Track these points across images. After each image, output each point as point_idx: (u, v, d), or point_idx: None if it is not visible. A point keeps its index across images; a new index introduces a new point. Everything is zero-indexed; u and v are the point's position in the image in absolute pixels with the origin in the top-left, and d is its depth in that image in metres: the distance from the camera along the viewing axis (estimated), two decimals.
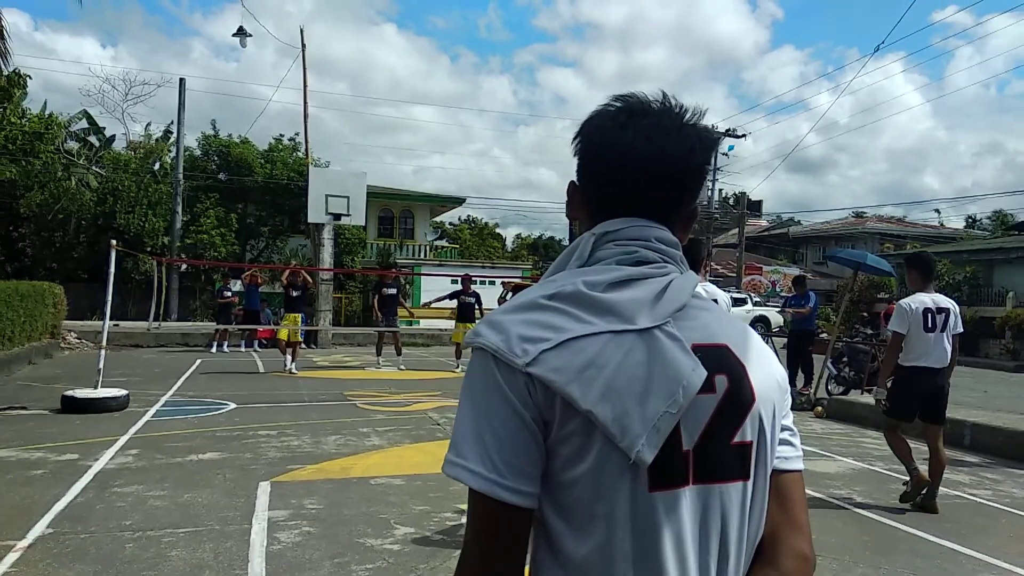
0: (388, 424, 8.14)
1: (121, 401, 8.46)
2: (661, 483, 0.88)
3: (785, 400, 1.04)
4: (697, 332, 0.93)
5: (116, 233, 20.97)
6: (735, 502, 0.94)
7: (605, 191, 1.02)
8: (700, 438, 0.90)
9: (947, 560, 4.39)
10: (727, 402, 0.92)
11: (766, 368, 0.99)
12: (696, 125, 1.01)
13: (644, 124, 0.99)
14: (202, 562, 3.95)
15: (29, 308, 12.93)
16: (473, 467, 0.88)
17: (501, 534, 0.91)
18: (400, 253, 29.71)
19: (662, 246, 1.00)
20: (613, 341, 0.88)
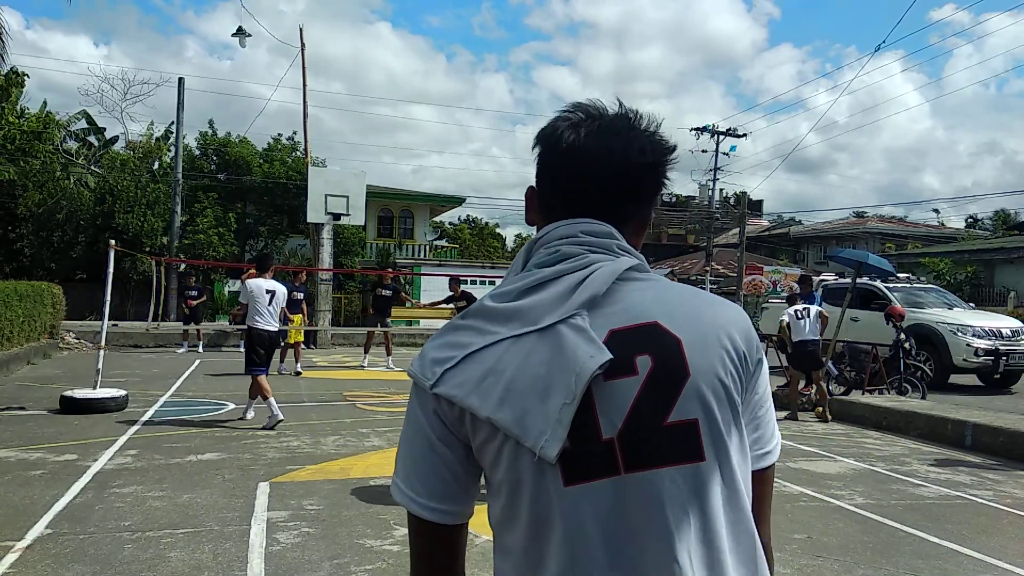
0: (388, 424, 8.12)
1: (120, 401, 8.44)
2: (580, 476, 0.87)
3: (746, 369, 0.94)
4: (619, 316, 0.91)
5: (114, 233, 20.94)
6: (687, 487, 0.87)
7: (555, 190, 1.03)
8: (625, 424, 0.87)
9: (948, 561, 4.38)
10: (653, 382, 0.88)
11: (712, 338, 0.92)
12: (649, 130, 1.02)
13: (596, 125, 1.01)
14: (201, 563, 3.93)
15: (28, 308, 12.90)
16: (399, 484, 0.97)
17: (428, 549, 0.98)
18: (400, 253, 29.71)
19: (588, 238, 0.98)
20: (514, 346, 0.90)
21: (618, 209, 1.02)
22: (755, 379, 0.97)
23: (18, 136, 23.09)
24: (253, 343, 7.87)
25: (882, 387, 10.70)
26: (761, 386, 0.99)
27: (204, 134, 28.40)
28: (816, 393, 9.92)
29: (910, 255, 29.82)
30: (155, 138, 28.62)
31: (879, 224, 41.15)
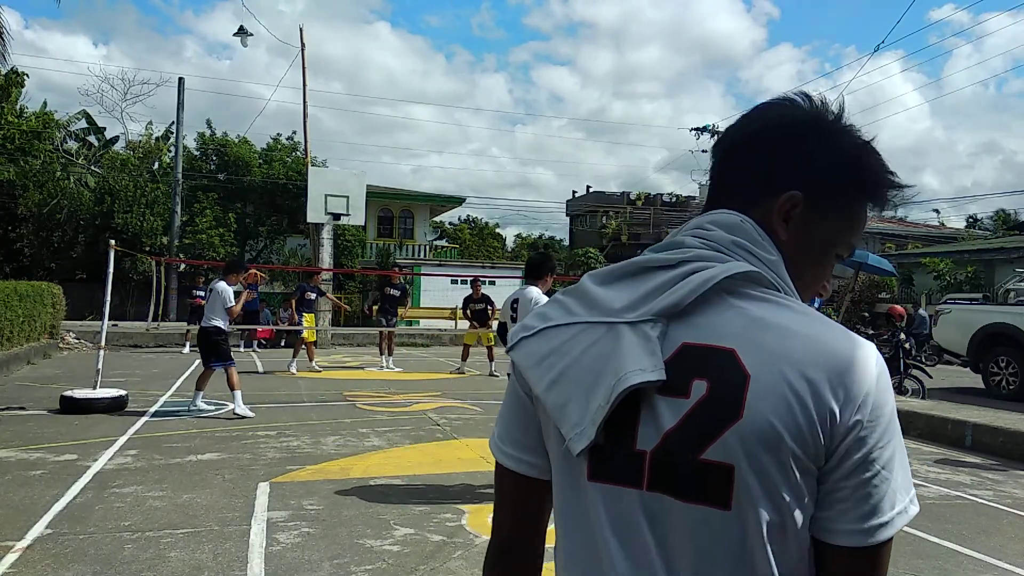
0: (388, 425, 8.12)
1: (120, 401, 8.44)
2: (604, 476, 0.86)
3: (829, 426, 0.80)
4: (700, 331, 0.85)
5: (114, 233, 20.95)
6: (704, 530, 0.81)
7: (710, 182, 1.05)
8: (661, 443, 0.83)
9: (948, 561, 4.37)
10: (700, 411, 0.82)
11: (789, 381, 0.80)
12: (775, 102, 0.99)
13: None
14: (201, 563, 3.93)
15: (28, 308, 12.91)
16: (493, 434, 1.03)
17: (505, 497, 1.01)
18: (400, 253, 29.71)
19: (712, 230, 0.92)
20: (584, 332, 0.89)
21: (741, 193, 0.96)
22: (846, 441, 0.80)
23: (18, 136, 23.10)
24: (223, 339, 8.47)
25: None
26: (862, 450, 0.80)
27: (203, 134, 28.41)
28: None
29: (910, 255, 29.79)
30: (155, 138, 28.64)
31: (879, 224, 41.06)
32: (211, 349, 8.41)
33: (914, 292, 26.75)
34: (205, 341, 8.46)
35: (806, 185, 0.92)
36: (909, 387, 10.80)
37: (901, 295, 27.07)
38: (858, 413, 0.80)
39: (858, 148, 0.95)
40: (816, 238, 0.94)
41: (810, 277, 0.96)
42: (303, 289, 13.77)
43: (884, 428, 0.82)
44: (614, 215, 45.39)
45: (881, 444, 0.81)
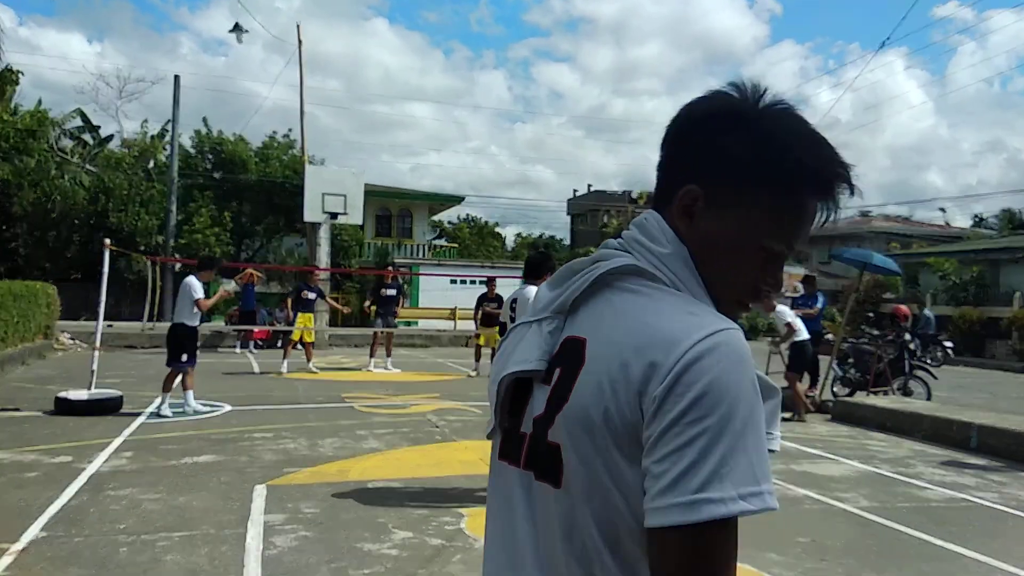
0: (386, 426, 8.06)
1: (115, 403, 8.37)
2: (504, 454, 0.99)
3: (643, 401, 0.80)
4: (577, 325, 0.93)
5: (109, 232, 20.84)
6: (546, 506, 0.90)
7: None
8: (532, 426, 0.93)
9: (953, 564, 4.34)
10: (552, 396, 0.90)
11: (614, 364, 0.83)
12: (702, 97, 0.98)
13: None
14: (197, 567, 3.88)
15: (22, 308, 12.83)
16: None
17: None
18: (398, 252, 29.65)
19: (628, 230, 0.98)
20: (518, 330, 1.01)
21: (660, 190, 0.98)
22: (648, 416, 0.80)
23: (12, 134, 23.00)
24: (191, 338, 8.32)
25: (887, 388, 10.66)
26: (663, 423, 0.79)
27: (199, 132, 28.31)
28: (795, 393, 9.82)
29: (915, 255, 29.79)
30: (150, 136, 28.53)
31: (884, 223, 41.13)
32: (176, 348, 8.24)
33: (919, 292, 26.74)
34: (172, 339, 8.33)
35: (707, 178, 0.91)
36: (914, 388, 10.76)
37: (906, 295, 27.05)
38: (662, 386, 0.80)
39: (778, 139, 0.90)
40: (724, 231, 0.91)
41: (727, 270, 0.92)
42: (301, 288, 13.70)
43: (696, 405, 0.78)
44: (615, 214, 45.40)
45: (689, 420, 0.78)
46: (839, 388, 11.20)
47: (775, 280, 0.95)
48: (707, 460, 0.77)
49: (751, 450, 0.78)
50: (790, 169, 0.89)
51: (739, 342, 0.83)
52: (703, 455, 0.77)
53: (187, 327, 8.29)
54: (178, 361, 8.25)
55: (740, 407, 0.78)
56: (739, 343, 0.83)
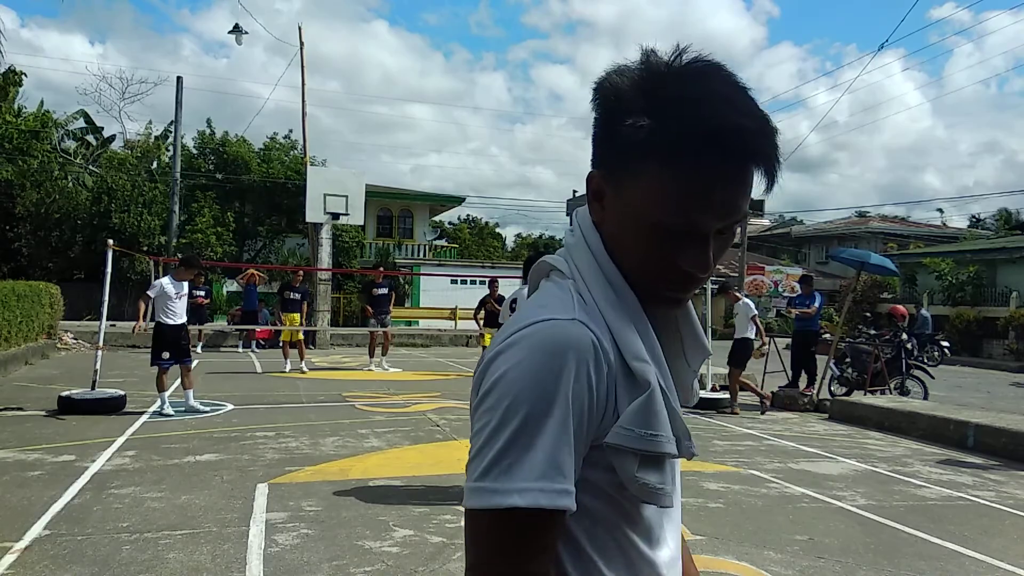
0: (387, 425, 8.10)
1: (118, 402, 8.41)
2: None
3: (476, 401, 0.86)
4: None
5: (112, 233, 20.90)
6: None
7: None
8: None
9: (950, 562, 4.36)
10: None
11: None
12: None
13: None
14: (200, 564, 3.91)
15: (26, 308, 12.87)
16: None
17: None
18: (399, 253, 29.68)
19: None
20: None
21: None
22: (475, 406, 0.86)
23: (16, 135, 23.05)
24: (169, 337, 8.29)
25: (884, 387, 10.68)
26: (474, 418, 0.86)
27: (202, 133, 28.37)
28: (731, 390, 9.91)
29: (912, 255, 29.79)
30: (153, 137, 28.58)
31: (881, 224, 41.11)
32: (156, 346, 8.28)
33: (916, 292, 26.74)
34: (153, 339, 8.39)
35: (606, 161, 0.88)
36: (911, 388, 10.78)
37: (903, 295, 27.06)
38: (474, 378, 0.87)
39: (665, 105, 0.82)
40: (623, 213, 0.87)
41: (636, 255, 0.88)
42: (283, 289, 13.77)
43: (486, 397, 0.82)
44: None
45: (481, 411, 0.83)
46: (837, 387, 11.22)
47: (697, 261, 0.85)
48: (489, 449, 0.80)
49: (537, 447, 0.77)
50: (674, 133, 0.80)
51: (546, 336, 0.80)
52: (486, 444, 0.80)
53: (164, 326, 8.27)
54: (160, 359, 8.24)
55: (523, 402, 0.78)
56: (546, 337, 0.80)
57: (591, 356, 0.81)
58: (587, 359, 0.81)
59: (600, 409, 0.83)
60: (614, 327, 0.86)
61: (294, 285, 13.55)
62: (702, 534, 4.64)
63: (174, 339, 8.32)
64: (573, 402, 0.79)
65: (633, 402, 0.83)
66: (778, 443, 7.91)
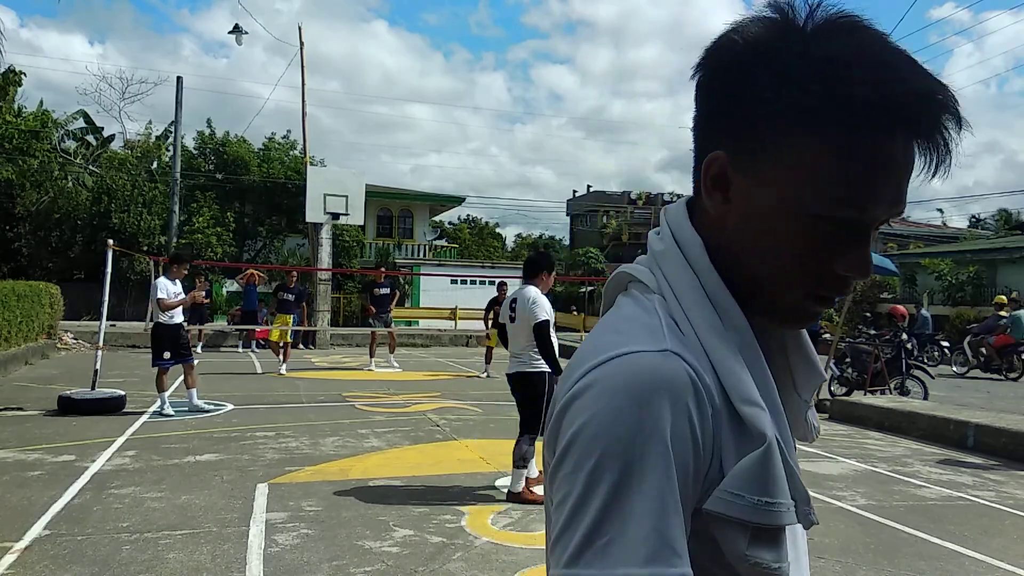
0: (387, 425, 8.10)
1: (118, 402, 8.41)
2: None
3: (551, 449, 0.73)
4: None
5: (111, 233, 20.90)
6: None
7: None
8: None
9: (950, 562, 4.35)
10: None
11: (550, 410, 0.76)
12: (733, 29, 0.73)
13: None
14: (200, 564, 3.91)
15: (26, 308, 12.87)
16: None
17: None
18: (399, 253, 29.68)
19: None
20: None
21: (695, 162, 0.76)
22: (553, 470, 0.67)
23: (16, 135, 23.05)
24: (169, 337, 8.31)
25: (884, 387, 10.69)
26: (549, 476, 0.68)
27: (202, 133, 28.38)
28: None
29: (912, 255, 29.79)
30: (153, 137, 28.60)
31: None
32: (156, 347, 8.29)
33: (916, 292, 26.75)
34: (152, 339, 8.41)
35: (734, 139, 0.70)
36: (911, 388, 10.78)
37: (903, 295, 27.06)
38: (548, 428, 0.70)
39: (824, 67, 0.65)
40: (760, 205, 0.69)
41: (774, 257, 0.70)
42: (278, 290, 13.74)
43: (566, 456, 0.64)
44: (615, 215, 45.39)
45: (562, 474, 0.64)
46: (837, 387, 11.22)
47: (858, 261, 0.69)
48: (576, 527, 0.61)
49: (638, 518, 0.60)
50: (841, 102, 0.64)
51: (632, 375, 0.64)
52: (572, 520, 0.62)
53: (163, 326, 8.29)
54: (160, 360, 8.25)
55: (611, 461, 0.61)
56: (631, 376, 0.64)
57: (690, 397, 0.64)
58: (685, 401, 0.64)
59: (704, 464, 0.65)
60: (717, 359, 0.68)
61: (288, 286, 13.51)
62: None
63: (174, 339, 8.33)
64: (676, 457, 0.62)
65: (743, 459, 0.66)
66: None
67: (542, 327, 5.27)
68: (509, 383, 5.52)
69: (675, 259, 0.74)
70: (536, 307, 5.29)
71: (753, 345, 0.71)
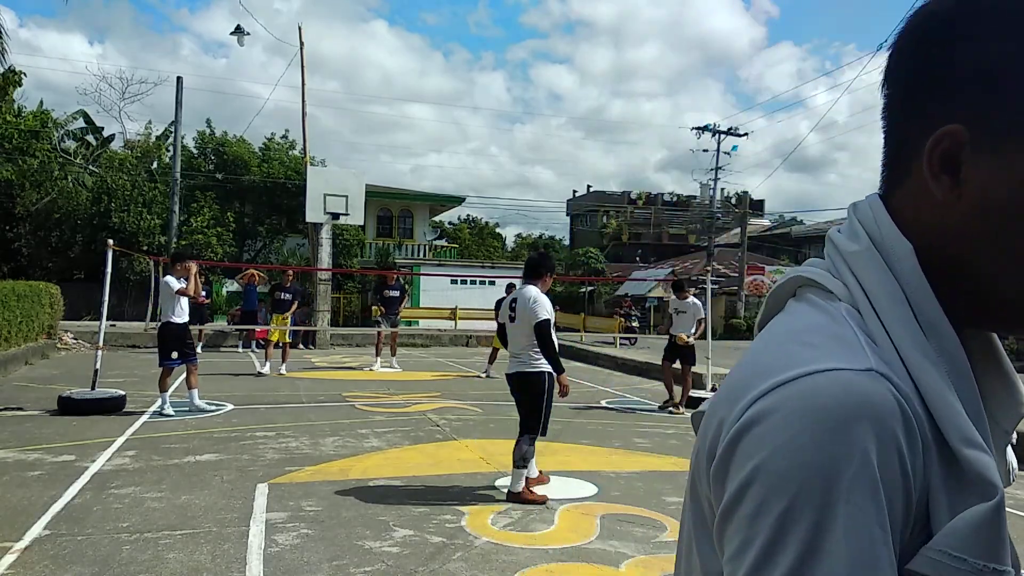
0: (387, 425, 8.10)
1: (118, 402, 8.41)
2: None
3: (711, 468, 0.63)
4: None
5: (112, 232, 20.92)
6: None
7: None
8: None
9: None
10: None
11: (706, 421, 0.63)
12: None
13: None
14: (200, 564, 3.91)
15: (26, 308, 12.88)
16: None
17: None
18: (399, 253, 29.68)
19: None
20: None
21: (890, 149, 0.65)
22: (717, 501, 0.57)
23: (16, 135, 23.05)
24: (178, 336, 8.36)
25: None
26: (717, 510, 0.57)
27: (202, 133, 28.39)
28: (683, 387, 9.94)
29: None
30: (153, 137, 28.61)
31: None
32: (165, 346, 8.31)
33: None
34: (160, 338, 8.43)
35: (975, 110, 0.57)
36: None
37: None
38: (716, 459, 0.58)
39: None
40: (1000, 190, 0.57)
41: (1016, 262, 0.58)
42: (274, 289, 13.71)
43: (744, 496, 0.54)
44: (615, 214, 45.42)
45: (740, 516, 0.54)
46: None
47: None
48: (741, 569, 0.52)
49: (840, 570, 0.49)
50: None
51: (829, 399, 0.53)
52: (759, 571, 0.51)
53: (173, 324, 8.33)
54: (168, 359, 8.28)
55: (809, 505, 0.51)
56: (829, 400, 0.53)
57: (899, 427, 0.53)
58: (894, 431, 0.52)
59: (913, 509, 0.54)
60: (925, 385, 0.56)
61: (284, 285, 13.49)
62: None
63: (181, 338, 8.40)
64: (888, 499, 0.51)
65: (966, 513, 0.53)
66: None
67: (543, 326, 5.27)
68: (509, 383, 5.52)
69: (873, 263, 0.61)
70: (537, 306, 5.30)
71: (967, 372, 0.58)
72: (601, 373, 14.78)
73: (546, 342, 5.29)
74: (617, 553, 4.28)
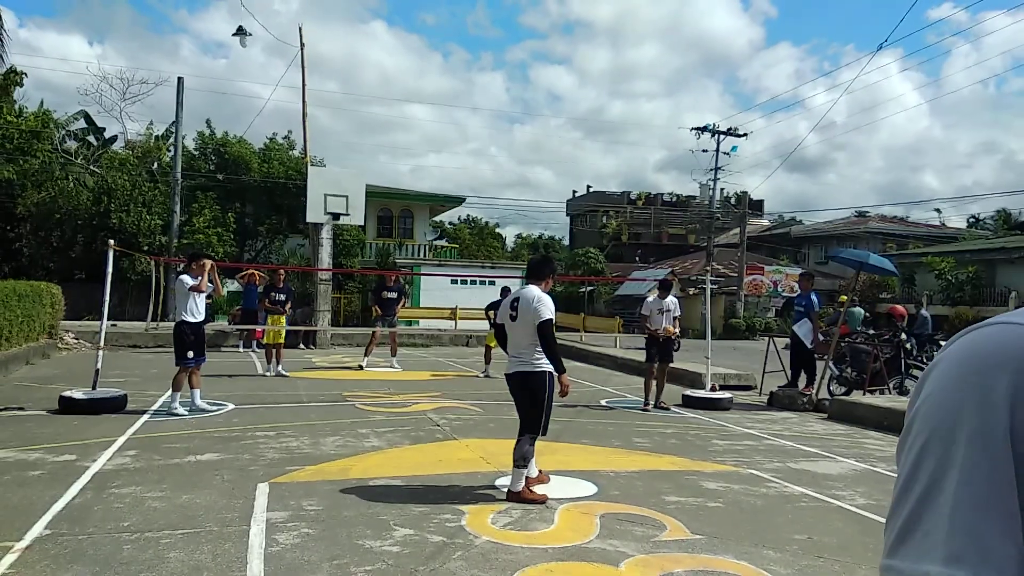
0: (387, 425, 8.11)
1: (119, 402, 8.42)
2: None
3: None
4: None
5: (112, 232, 20.93)
6: None
7: None
8: None
9: None
10: None
11: None
12: None
13: None
14: (200, 564, 3.92)
15: (27, 308, 12.88)
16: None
17: None
18: (399, 253, 29.68)
19: None
20: None
21: None
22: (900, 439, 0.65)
23: (17, 135, 23.07)
24: (194, 336, 8.42)
25: (883, 387, 10.70)
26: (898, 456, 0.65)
27: (202, 134, 28.40)
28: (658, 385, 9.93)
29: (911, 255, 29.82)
30: (154, 137, 28.61)
31: (880, 224, 41.12)
32: (181, 346, 8.37)
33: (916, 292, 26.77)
34: (176, 338, 8.47)
35: None
36: (910, 387, 10.80)
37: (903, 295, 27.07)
38: (913, 396, 0.67)
39: None
40: None
41: None
42: (269, 290, 13.63)
43: (904, 435, 0.63)
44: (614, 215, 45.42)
45: (902, 446, 0.63)
46: (836, 387, 11.23)
47: None
48: (900, 512, 0.58)
49: (949, 510, 0.54)
50: None
51: (975, 346, 0.57)
52: (898, 503, 0.59)
53: (189, 324, 8.37)
54: (184, 359, 8.34)
55: (937, 441, 0.56)
56: (974, 347, 0.57)
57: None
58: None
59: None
60: None
61: (278, 285, 13.44)
62: (701, 533, 4.65)
63: (198, 337, 8.46)
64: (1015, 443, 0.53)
65: None
66: (777, 443, 7.92)
67: (546, 325, 5.28)
68: (509, 383, 5.52)
69: None
70: (542, 306, 5.31)
71: None
72: (601, 373, 14.80)
73: (549, 342, 5.30)
74: (617, 552, 4.29)
